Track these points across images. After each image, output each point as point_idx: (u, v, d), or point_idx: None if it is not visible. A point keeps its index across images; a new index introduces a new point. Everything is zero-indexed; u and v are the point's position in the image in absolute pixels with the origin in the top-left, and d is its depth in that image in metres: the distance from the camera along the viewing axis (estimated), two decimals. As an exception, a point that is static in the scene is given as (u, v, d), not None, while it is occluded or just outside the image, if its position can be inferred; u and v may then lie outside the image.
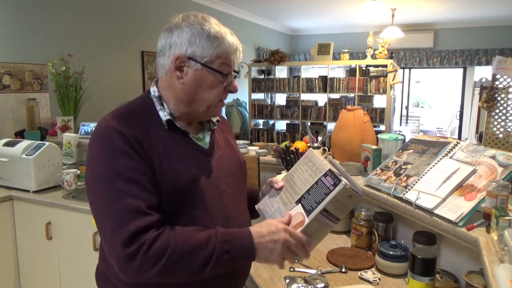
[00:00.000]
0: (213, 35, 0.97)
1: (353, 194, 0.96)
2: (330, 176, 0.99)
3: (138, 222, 0.86)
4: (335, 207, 0.96)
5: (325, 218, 0.97)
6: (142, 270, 0.85)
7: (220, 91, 1.02)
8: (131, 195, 0.88)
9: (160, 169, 0.93)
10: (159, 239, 0.86)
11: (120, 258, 0.85)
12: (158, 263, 0.85)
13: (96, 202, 0.91)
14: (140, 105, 1.02)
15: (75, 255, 2.24)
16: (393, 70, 4.89)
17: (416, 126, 9.71)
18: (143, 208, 0.88)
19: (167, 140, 0.98)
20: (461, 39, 7.05)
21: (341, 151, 2.11)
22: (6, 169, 2.43)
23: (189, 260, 0.87)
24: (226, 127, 1.23)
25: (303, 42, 8.27)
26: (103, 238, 0.90)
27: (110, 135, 0.92)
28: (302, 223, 0.98)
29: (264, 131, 6.04)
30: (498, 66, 2.90)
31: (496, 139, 2.99)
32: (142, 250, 0.84)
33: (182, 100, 1.01)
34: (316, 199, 0.98)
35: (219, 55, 0.98)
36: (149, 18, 4.31)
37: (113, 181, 0.88)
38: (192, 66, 0.98)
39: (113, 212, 0.87)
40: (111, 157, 0.90)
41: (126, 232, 0.84)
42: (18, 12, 3.02)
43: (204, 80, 0.99)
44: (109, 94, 3.83)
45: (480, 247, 1.05)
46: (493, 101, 2.96)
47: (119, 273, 0.87)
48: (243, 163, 1.19)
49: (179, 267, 0.87)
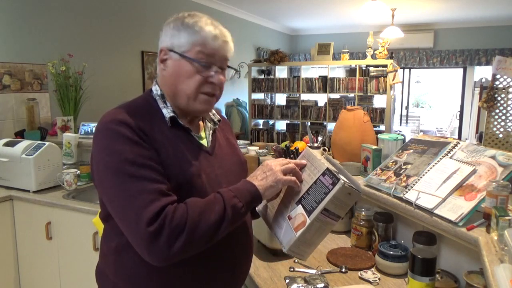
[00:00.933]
0: (191, 24, 0.99)
1: (352, 192, 0.97)
2: (328, 175, 0.99)
3: (161, 202, 0.87)
4: (335, 205, 0.97)
5: (326, 217, 0.98)
6: (172, 241, 0.85)
7: (198, 82, 0.99)
8: (150, 180, 0.89)
9: (165, 162, 0.94)
10: (178, 209, 0.89)
11: (148, 239, 0.85)
12: (184, 228, 0.87)
13: (114, 194, 0.90)
14: (142, 104, 1.03)
15: (75, 255, 2.24)
16: (393, 70, 4.89)
17: (416, 126, 9.71)
18: (163, 190, 0.90)
19: (170, 136, 0.99)
20: (461, 39, 7.04)
21: (341, 151, 2.11)
22: (6, 169, 2.43)
23: (208, 215, 0.90)
24: (227, 127, 1.24)
25: (303, 42, 8.27)
26: (126, 227, 0.89)
27: (117, 126, 0.93)
28: (304, 224, 0.98)
29: (264, 131, 6.04)
30: (498, 66, 2.90)
31: (496, 139, 2.99)
32: (166, 222, 0.86)
33: (168, 93, 1.04)
34: (316, 199, 0.98)
35: (195, 43, 0.98)
36: (149, 18, 4.31)
37: (129, 169, 0.89)
38: (172, 57, 1.00)
39: (134, 197, 0.87)
40: (122, 146, 0.91)
41: (150, 211, 0.86)
42: (18, 12, 3.02)
43: (182, 70, 0.99)
44: (109, 94, 3.83)
45: (480, 247, 1.05)
46: (493, 101, 2.96)
47: (150, 256, 0.87)
48: (243, 163, 1.19)
49: (203, 226, 0.89)
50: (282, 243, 1.04)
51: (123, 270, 0.99)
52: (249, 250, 1.15)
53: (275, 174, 0.99)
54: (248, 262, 1.16)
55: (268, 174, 1.00)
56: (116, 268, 1.01)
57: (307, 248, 1.04)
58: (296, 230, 1.00)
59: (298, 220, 1.00)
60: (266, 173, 1.00)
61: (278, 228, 1.07)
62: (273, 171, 1.00)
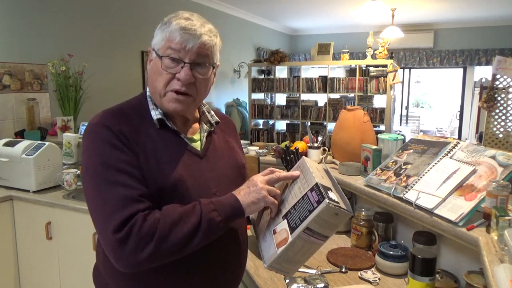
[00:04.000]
0: (165, 21, 0.98)
1: (340, 212, 0.88)
2: (316, 191, 0.90)
3: (131, 209, 0.86)
4: (319, 225, 0.89)
5: (309, 237, 0.90)
6: (139, 250, 0.84)
7: (165, 79, 0.97)
8: (124, 185, 0.88)
9: (145, 166, 0.93)
10: (149, 217, 0.87)
11: (114, 245, 0.84)
12: (153, 238, 0.85)
13: (89, 195, 0.92)
14: (134, 104, 1.03)
15: (75, 255, 2.24)
16: (393, 70, 4.89)
17: (416, 126, 9.71)
18: (135, 196, 0.88)
19: (157, 139, 0.98)
20: (461, 39, 7.04)
21: (341, 151, 2.11)
22: (6, 169, 2.43)
23: (180, 226, 0.87)
24: (229, 129, 1.20)
25: (303, 42, 8.27)
26: (97, 229, 0.90)
27: (99, 129, 0.94)
28: (286, 241, 0.91)
29: (264, 131, 6.04)
30: (498, 66, 2.90)
31: (496, 139, 2.99)
32: (134, 230, 0.84)
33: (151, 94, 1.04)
34: (300, 216, 0.91)
35: (164, 38, 0.97)
36: (149, 18, 4.31)
37: (105, 173, 0.89)
38: (152, 56, 1.01)
39: (105, 202, 0.87)
40: (102, 150, 0.91)
41: (118, 218, 0.85)
42: (18, 12, 3.02)
43: (155, 68, 0.99)
44: (109, 94, 3.83)
45: (480, 247, 1.05)
46: (493, 101, 2.96)
47: (116, 262, 0.86)
48: (241, 167, 1.15)
49: (173, 238, 0.86)
50: (263, 257, 0.98)
51: (111, 270, 0.98)
52: (240, 256, 1.10)
53: (259, 191, 0.94)
54: (239, 267, 1.11)
55: (252, 189, 0.95)
56: (105, 266, 1.01)
57: (291, 266, 0.96)
58: (278, 246, 0.93)
59: (281, 235, 0.93)
60: (250, 188, 0.95)
61: (263, 240, 1.00)
62: (257, 187, 0.95)
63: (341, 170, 1.91)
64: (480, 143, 3.57)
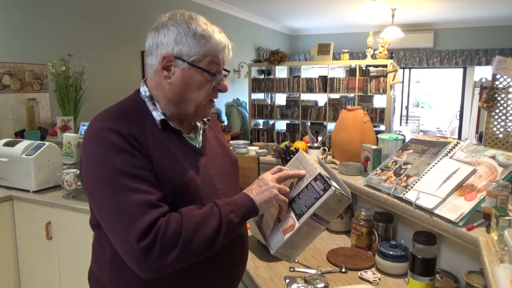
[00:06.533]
0: (199, 33, 0.96)
1: (343, 198, 0.97)
2: (320, 180, 0.99)
3: (151, 215, 0.85)
4: (324, 211, 0.97)
5: (315, 222, 0.98)
6: (164, 256, 0.83)
7: (209, 91, 1.00)
8: (139, 191, 0.86)
9: (158, 168, 0.92)
10: (171, 221, 0.86)
11: (139, 254, 0.82)
12: (177, 243, 0.85)
13: (103, 204, 0.87)
14: (131, 105, 1.00)
15: (75, 255, 2.24)
16: (393, 70, 4.89)
17: (416, 126, 9.71)
18: (153, 201, 0.87)
19: (162, 139, 0.97)
20: (461, 39, 7.04)
21: (341, 151, 2.11)
22: (6, 169, 2.43)
23: (202, 230, 0.88)
24: (215, 126, 1.23)
25: (303, 42, 8.27)
26: (115, 239, 0.87)
27: (106, 134, 0.89)
28: (293, 227, 0.98)
29: (264, 131, 6.04)
30: (498, 66, 2.90)
31: (496, 139, 2.99)
32: (158, 237, 0.83)
33: (170, 100, 1.00)
34: (306, 204, 0.99)
35: (206, 53, 0.96)
36: (149, 18, 4.28)
37: (118, 180, 0.86)
38: (179, 65, 0.96)
39: (123, 210, 0.84)
40: (112, 156, 0.87)
41: (140, 226, 0.83)
42: (18, 12, 3.02)
43: (192, 80, 0.97)
44: (109, 94, 3.82)
45: (480, 247, 1.05)
46: (493, 101, 2.96)
47: (141, 271, 0.84)
48: (235, 161, 1.19)
49: (196, 241, 0.87)
50: (269, 244, 1.04)
51: (120, 279, 0.97)
52: (243, 254, 1.13)
53: (270, 190, 0.98)
54: (243, 265, 1.14)
55: (263, 188, 0.98)
56: (111, 277, 0.99)
57: (294, 251, 1.04)
58: (285, 233, 1.00)
59: (287, 223, 1.00)
60: (262, 187, 0.98)
61: (267, 229, 1.07)
62: (268, 186, 0.98)
63: (341, 170, 1.91)
64: (480, 143, 3.57)
